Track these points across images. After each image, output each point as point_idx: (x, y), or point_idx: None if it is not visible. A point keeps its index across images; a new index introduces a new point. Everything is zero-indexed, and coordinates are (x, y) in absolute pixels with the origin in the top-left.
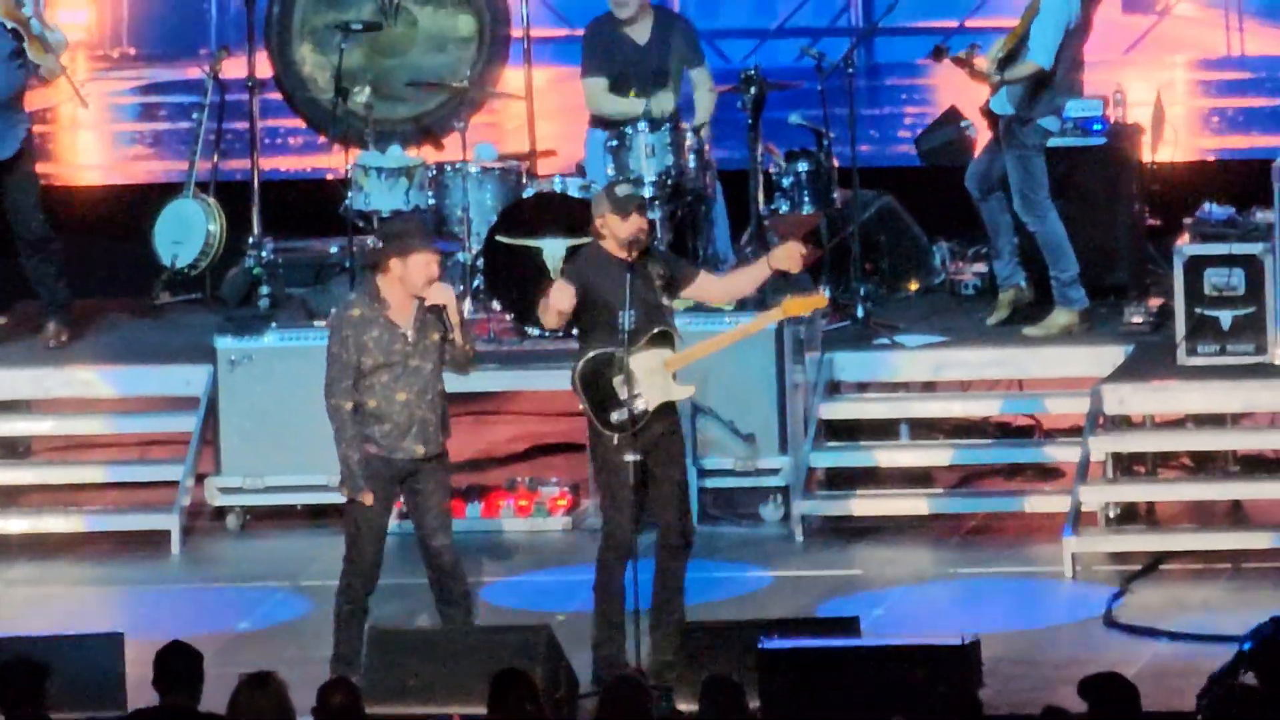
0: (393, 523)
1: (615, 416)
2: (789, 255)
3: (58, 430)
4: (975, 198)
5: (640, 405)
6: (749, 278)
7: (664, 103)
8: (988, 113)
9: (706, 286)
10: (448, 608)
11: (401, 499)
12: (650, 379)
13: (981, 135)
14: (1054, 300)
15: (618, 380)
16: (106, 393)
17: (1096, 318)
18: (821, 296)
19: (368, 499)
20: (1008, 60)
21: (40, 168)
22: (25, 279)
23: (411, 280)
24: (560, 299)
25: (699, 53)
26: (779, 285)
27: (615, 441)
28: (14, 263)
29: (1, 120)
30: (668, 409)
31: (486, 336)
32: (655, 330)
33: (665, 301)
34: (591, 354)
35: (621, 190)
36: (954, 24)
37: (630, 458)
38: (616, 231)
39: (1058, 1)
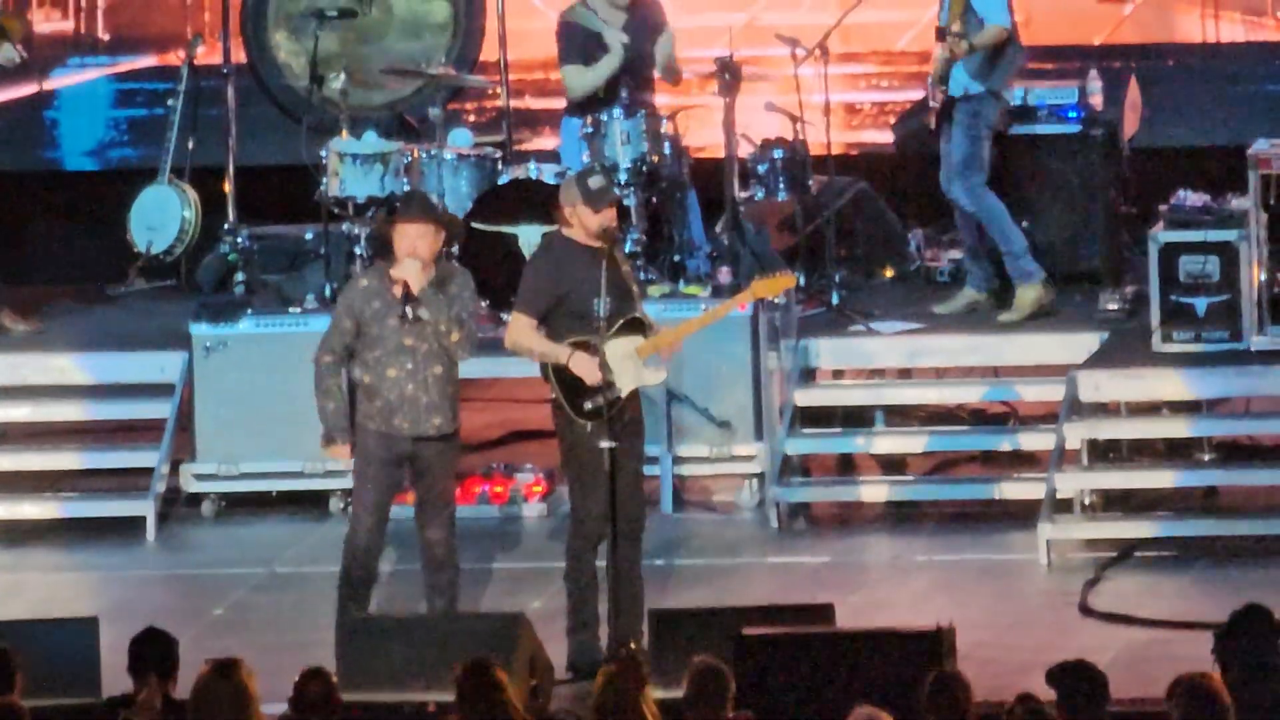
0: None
1: (589, 404)
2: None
3: (33, 416)
4: (950, 200)
5: (613, 392)
6: (679, 328)
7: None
8: (942, 107)
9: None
10: (435, 596)
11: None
12: (622, 365)
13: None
14: (1016, 279)
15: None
16: (81, 379)
17: (1071, 304)
18: (790, 276)
19: (338, 452)
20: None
21: (13, 155)
22: None
23: (397, 252)
24: (531, 344)
25: (663, 22)
26: (753, 273)
27: (589, 429)
28: None
29: None
30: (636, 395)
31: None
32: (626, 317)
33: (634, 287)
34: (568, 341)
35: (595, 182)
36: (924, 13)
37: (605, 444)
38: (587, 222)
39: None
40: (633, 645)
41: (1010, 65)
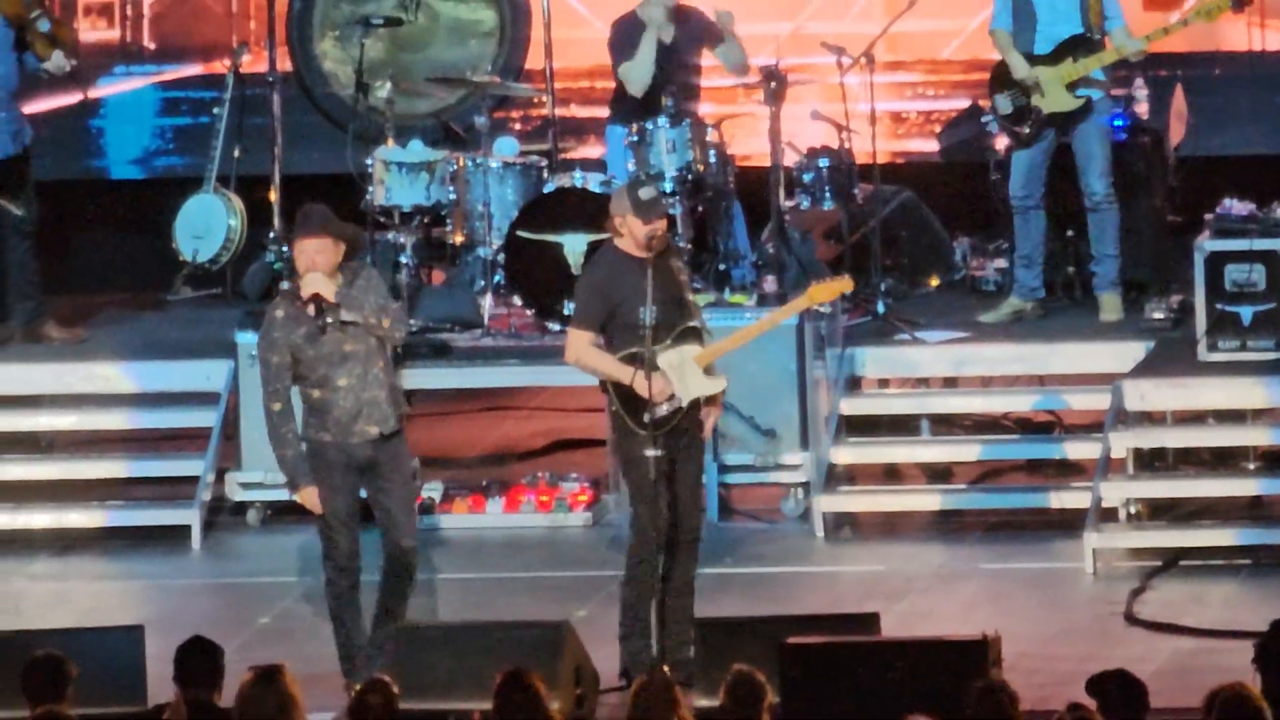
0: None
1: (648, 415)
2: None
3: (79, 425)
4: (1024, 207)
5: (675, 404)
6: (735, 337)
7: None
8: (1047, 117)
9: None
10: (391, 600)
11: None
12: (680, 375)
13: (1001, 136)
14: (1106, 284)
15: (656, 377)
16: (127, 388)
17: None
18: (847, 279)
19: (308, 496)
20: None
21: (60, 163)
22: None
23: (297, 266)
24: (595, 362)
25: (717, 30)
26: (799, 281)
27: (639, 439)
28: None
29: (15, 112)
30: (695, 404)
31: (507, 331)
32: (681, 326)
33: (689, 297)
34: (619, 355)
35: (645, 193)
36: (970, 21)
37: (651, 453)
38: (636, 233)
39: None
40: (665, 668)
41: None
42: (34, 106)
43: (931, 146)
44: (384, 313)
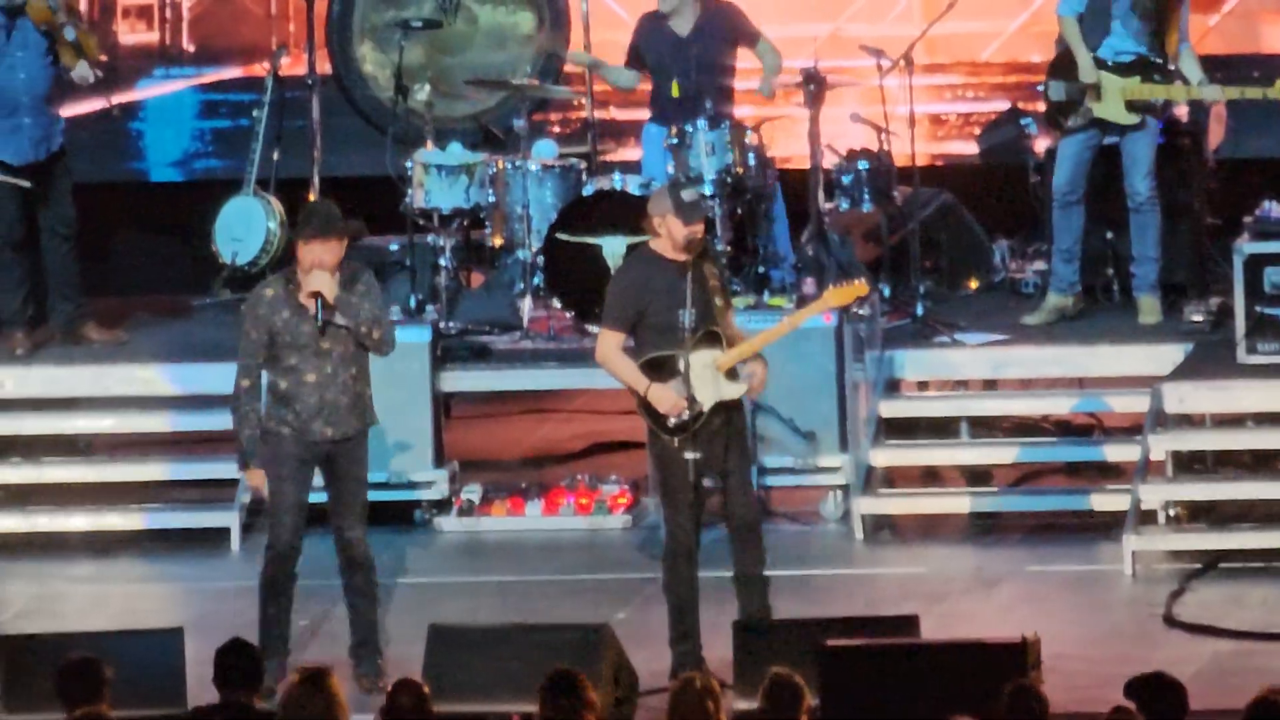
0: (455, 522)
1: (673, 420)
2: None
3: (118, 428)
4: (1067, 202)
5: (695, 408)
6: (756, 340)
7: (588, 57)
8: (1096, 120)
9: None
10: (355, 598)
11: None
12: (702, 379)
13: (1040, 138)
14: (1146, 287)
15: (675, 383)
16: (166, 390)
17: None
18: (862, 285)
19: (254, 477)
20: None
21: (99, 166)
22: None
23: (302, 265)
24: (618, 369)
25: (753, 31)
26: (835, 278)
27: (675, 443)
28: (52, 260)
29: (44, 119)
30: (727, 404)
31: (546, 334)
32: (704, 330)
33: (719, 302)
34: (646, 358)
35: (688, 195)
36: (1009, 23)
37: (690, 455)
38: (675, 234)
39: None
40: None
41: None
42: (72, 110)
43: (971, 149)
44: (376, 324)
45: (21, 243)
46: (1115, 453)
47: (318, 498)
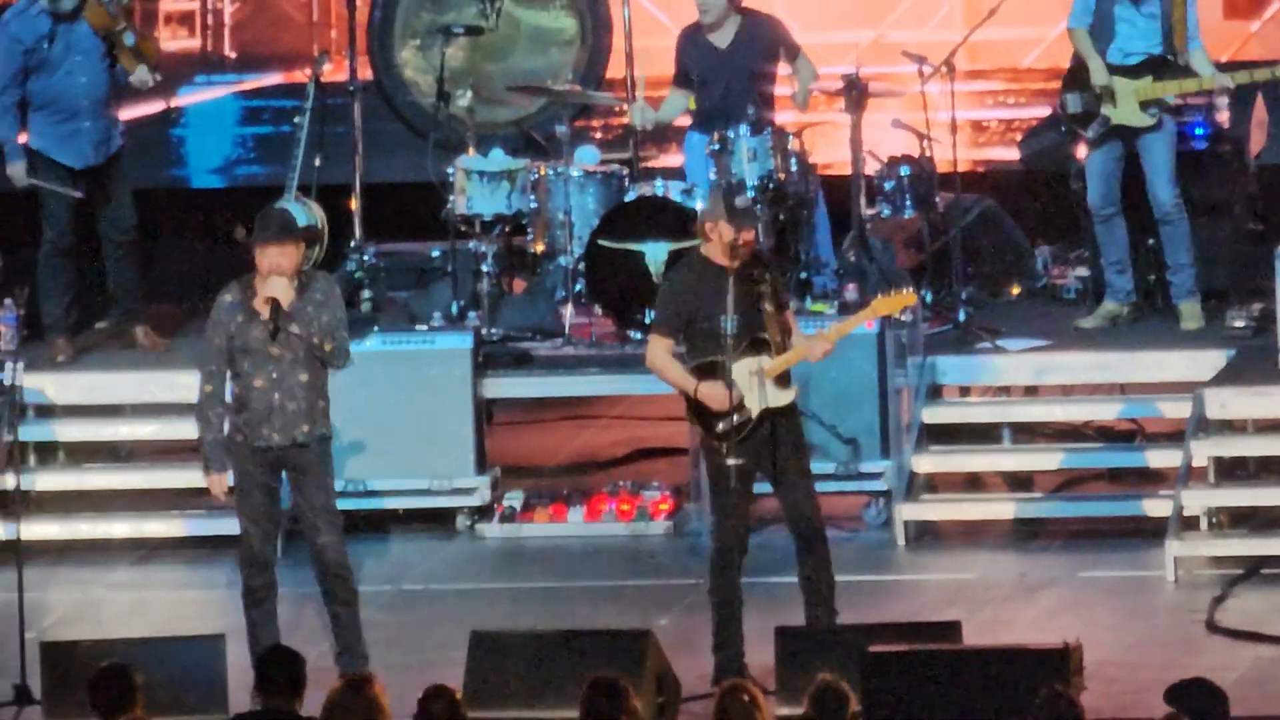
0: (497, 529)
1: (721, 425)
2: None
3: (159, 434)
4: (1105, 217)
5: (744, 414)
6: (801, 349)
7: (645, 112)
8: (1114, 127)
9: (790, 324)
10: (333, 605)
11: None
12: (750, 386)
13: (1082, 145)
14: (1184, 293)
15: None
16: None
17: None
18: (910, 294)
19: (214, 482)
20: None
21: (142, 172)
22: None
23: (260, 271)
24: (667, 370)
25: (793, 45)
26: (880, 290)
27: (723, 449)
28: (111, 266)
29: (102, 121)
30: (793, 408)
31: (588, 340)
32: (751, 337)
33: (769, 308)
34: (695, 363)
35: (741, 201)
36: (1051, 29)
37: (732, 462)
38: (725, 237)
39: None
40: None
41: None
42: (123, 115)
43: (1012, 155)
44: (330, 336)
45: (71, 249)
46: (1157, 458)
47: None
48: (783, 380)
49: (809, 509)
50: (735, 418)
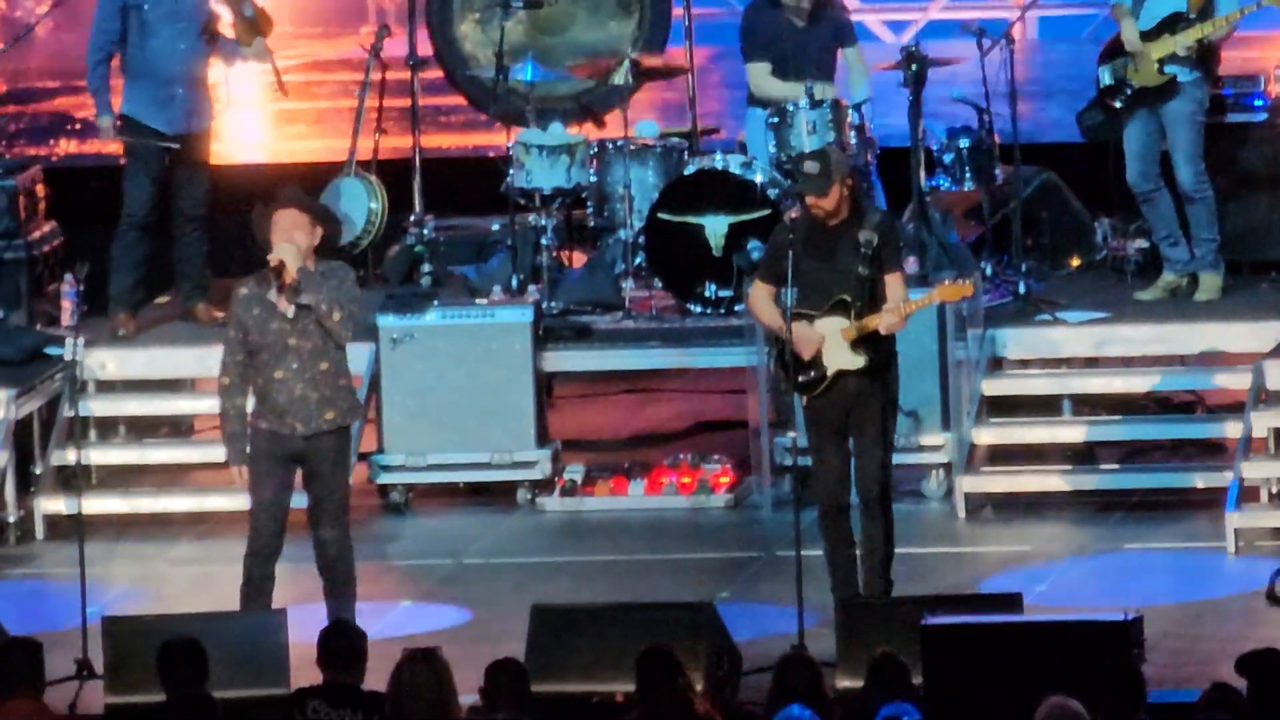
0: (557, 502)
1: (800, 376)
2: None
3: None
4: (1146, 196)
5: (820, 369)
6: (874, 317)
7: (826, 90)
8: (1143, 89)
9: (888, 287)
10: (329, 599)
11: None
12: (829, 344)
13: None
14: (1205, 265)
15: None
16: None
17: (1258, 293)
18: (969, 286)
19: (237, 474)
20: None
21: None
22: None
23: (272, 240)
24: (762, 312)
25: (852, 33)
26: (940, 262)
27: (805, 401)
28: (179, 241)
29: (195, 94)
30: (860, 373)
31: (648, 313)
32: (836, 299)
33: (862, 270)
34: (792, 312)
35: (807, 165)
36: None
37: (827, 417)
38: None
39: None
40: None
41: (1219, 52)
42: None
43: (1073, 126)
44: (338, 306)
45: (149, 225)
46: (1217, 430)
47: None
48: (859, 345)
49: (877, 476)
50: (813, 371)
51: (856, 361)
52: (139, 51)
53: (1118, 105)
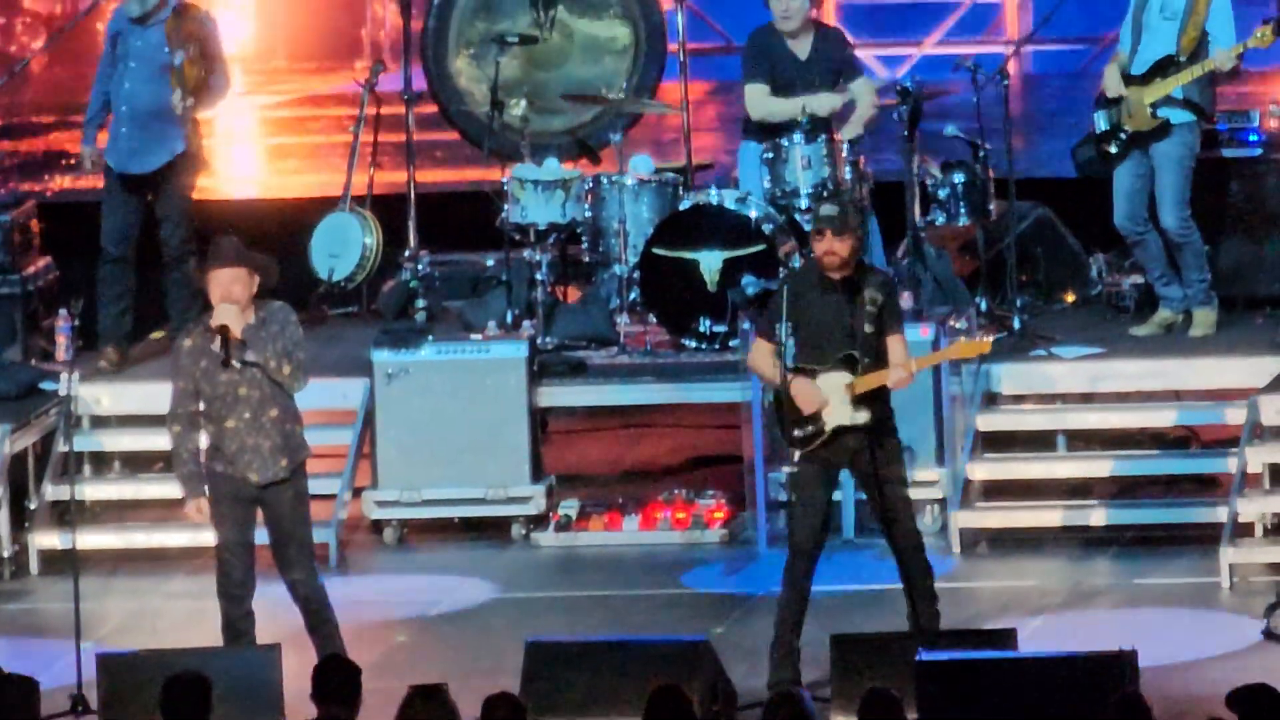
0: (552, 537)
1: (797, 432)
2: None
3: None
4: (1136, 238)
5: (819, 424)
6: (881, 373)
7: (822, 102)
8: (1137, 133)
9: (889, 348)
10: (315, 635)
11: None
12: (832, 400)
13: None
14: (1198, 302)
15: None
16: None
17: (1253, 329)
18: (987, 343)
19: (190, 510)
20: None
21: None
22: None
23: (211, 298)
24: (763, 369)
25: (857, 65)
26: (935, 298)
27: (797, 455)
28: (165, 277)
29: (148, 134)
30: (871, 428)
31: (643, 349)
32: (842, 354)
33: (868, 328)
34: (792, 367)
35: (823, 210)
36: (1108, 36)
37: (811, 472)
38: (814, 248)
39: None
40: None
41: (1213, 96)
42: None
43: (1067, 162)
44: (286, 359)
45: (125, 260)
46: (1212, 465)
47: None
48: (863, 401)
49: (912, 523)
50: (810, 427)
51: (858, 418)
52: (111, 89)
53: (1113, 150)
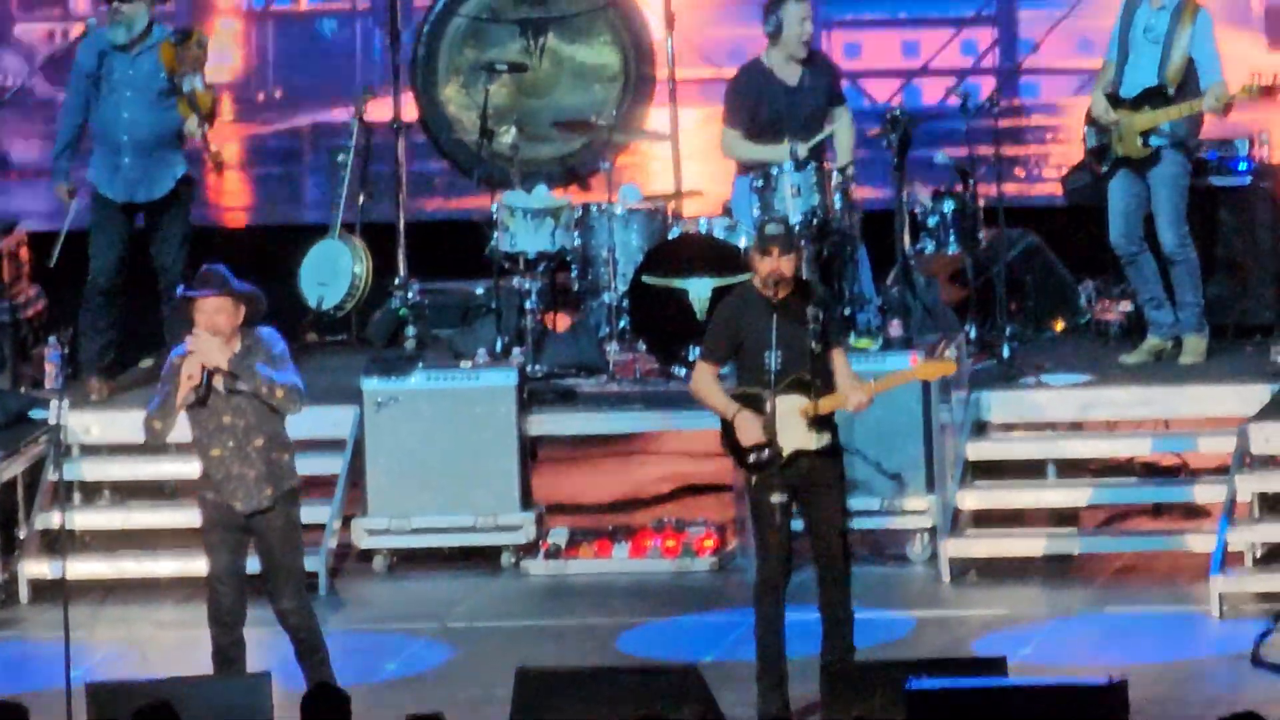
0: (542, 565)
1: (751, 457)
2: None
3: None
4: (1130, 257)
5: (774, 450)
6: (840, 396)
7: (803, 150)
8: (1125, 158)
9: (834, 362)
10: (303, 663)
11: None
12: (786, 424)
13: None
14: (1189, 329)
15: (762, 421)
16: None
17: (1243, 357)
18: (952, 363)
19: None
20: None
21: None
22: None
23: (197, 327)
24: (708, 396)
25: (842, 93)
26: (924, 326)
27: (754, 481)
28: (164, 304)
29: (152, 160)
30: (821, 451)
31: (632, 377)
32: (794, 376)
33: (815, 346)
34: (738, 391)
35: (769, 229)
36: (1098, 65)
37: (776, 499)
38: (757, 269)
39: (1207, 19)
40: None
41: (1199, 125)
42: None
43: (1056, 190)
44: (273, 384)
45: (112, 290)
46: (1202, 494)
47: None
48: (818, 424)
49: (835, 546)
50: (766, 452)
51: (818, 440)
52: (97, 118)
53: (1103, 170)
